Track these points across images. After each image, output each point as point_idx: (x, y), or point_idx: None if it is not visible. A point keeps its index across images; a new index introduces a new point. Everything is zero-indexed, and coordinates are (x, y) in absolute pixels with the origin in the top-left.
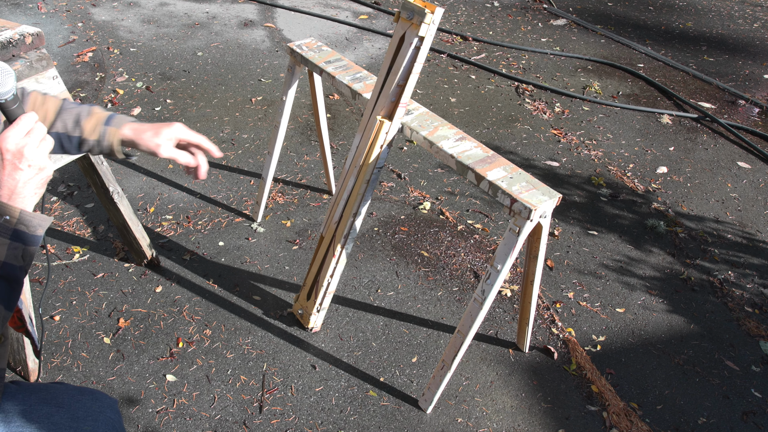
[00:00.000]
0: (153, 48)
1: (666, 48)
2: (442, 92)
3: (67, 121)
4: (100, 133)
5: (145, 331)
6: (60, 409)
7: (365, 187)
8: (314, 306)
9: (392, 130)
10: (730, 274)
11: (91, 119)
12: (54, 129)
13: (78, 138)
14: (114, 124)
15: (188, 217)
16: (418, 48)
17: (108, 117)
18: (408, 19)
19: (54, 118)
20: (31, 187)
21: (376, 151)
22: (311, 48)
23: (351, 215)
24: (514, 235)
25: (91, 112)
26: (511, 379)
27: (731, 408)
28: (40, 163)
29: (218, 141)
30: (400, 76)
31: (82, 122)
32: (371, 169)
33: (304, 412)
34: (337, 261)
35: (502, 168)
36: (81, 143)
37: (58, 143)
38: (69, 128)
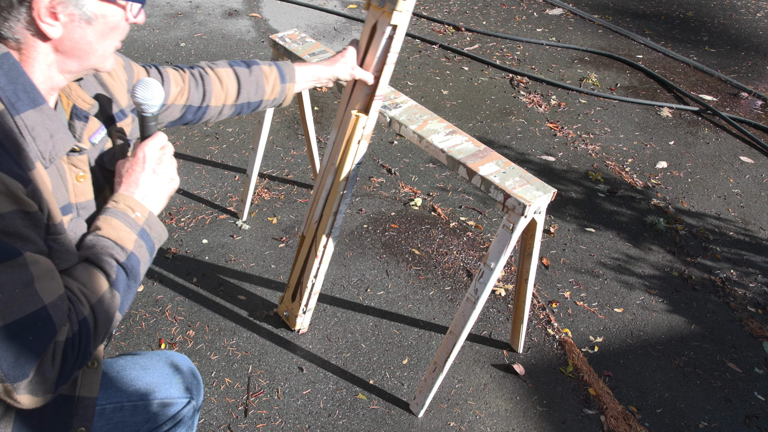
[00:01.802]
0: (134, 39)
1: (666, 38)
2: (433, 84)
3: (251, 91)
4: (279, 92)
5: (126, 332)
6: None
7: (344, 185)
8: (300, 308)
9: (369, 124)
10: (732, 272)
11: (269, 81)
12: (240, 101)
13: (259, 101)
14: (288, 79)
15: (171, 213)
16: (391, 37)
17: (281, 74)
18: (379, 7)
19: (236, 92)
20: (162, 195)
21: (353, 148)
22: (295, 40)
23: (332, 214)
24: (508, 231)
25: (264, 73)
26: (506, 381)
27: (733, 411)
28: (172, 174)
29: (202, 135)
30: (375, 67)
31: (264, 86)
32: (349, 166)
33: (291, 415)
34: (320, 261)
35: (494, 162)
36: (260, 105)
37: (237, 110)
38: (252, 96)
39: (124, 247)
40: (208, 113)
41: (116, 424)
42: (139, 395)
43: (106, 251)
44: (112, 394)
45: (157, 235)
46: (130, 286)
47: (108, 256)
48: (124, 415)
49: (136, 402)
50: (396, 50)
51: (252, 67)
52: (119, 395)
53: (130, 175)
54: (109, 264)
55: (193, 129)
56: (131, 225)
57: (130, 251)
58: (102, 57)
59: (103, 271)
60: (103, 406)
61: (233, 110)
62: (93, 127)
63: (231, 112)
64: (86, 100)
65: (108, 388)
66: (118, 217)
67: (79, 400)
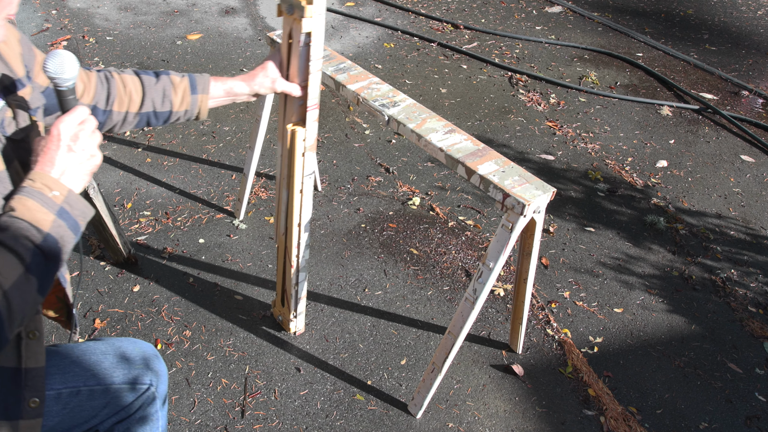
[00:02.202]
0: (130, 36)
1: (666, 36)
2: (432, 83)
3: (156, 100)
4: (189, 103)
5: (122, 332)
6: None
7: (301, 197)
8: (290, 313)
9: (309, 136)
10: (732, 272)
11: (177, 91)
12: (144, 109)
13: (168, 112)
14: (200, 90)
15: (167, 213)
16: (308, 44)
17: (191, 84)
18: (289, 14)
19: (141, 100)
20: (81, 172)
21: (299, 161)
22: None
23: (296, 225)
24: (507, 231)
25: (173, 84)
26: (505, 382)
27: (734, 412)
28: (92, 150)
29: (198, 134)
30: (299, 77)
31: (171, 97)
32: (299, 179)
33: (288, 416)
34: (297, 270)
35: (493, 161)
36: (169, 116)
37: (144, 121)
38: (157, 106)
39: (40, 228)
40: (111, 119)
41: (73, 408)
42: (96, 380)
43: (20, 233)
44: (70, 378)
45: (80, 213)
46: (49, 268)
47: (23, 239)
48: (81, 400)
49: (93, 386)
50: (317, 57)
51: (161, 76)
52: (76, 379)
53: (46, 153)
54: (24, 246)
55: (189, 128)
56: (48, 205)
57: (46, 232)
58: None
59: (17, 254)
60: (59, 391)
61: (138, 119)
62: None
63: (136, 121)
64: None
65: (65, 372)
66: (33, 197)
67: (27, 371)
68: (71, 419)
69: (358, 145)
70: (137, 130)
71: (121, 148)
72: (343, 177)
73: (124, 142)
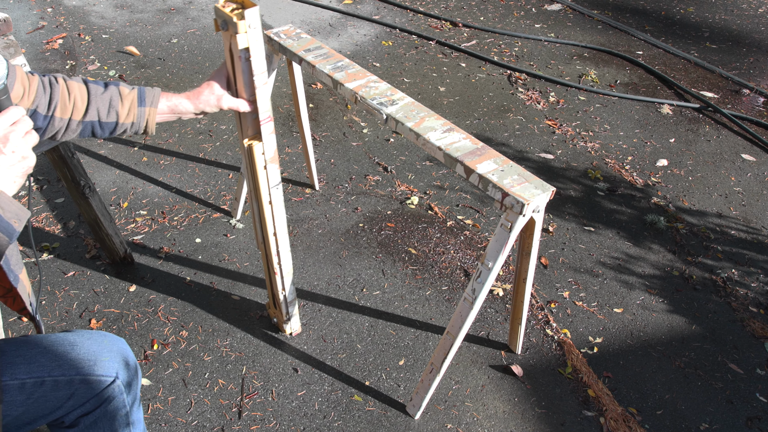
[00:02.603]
0: (126, 34)
1: (666, 34)
2: (430, 81)
3: (101, 109)
4: (136, 116)
5: (118, 332)
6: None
7: (271, 208)
8: (283, 315)
9: (268, 149)
10: (733, 272)
11: (124, 103)
12: (88, 118)
13: (113, 123)
14: (148, 103)
15: (163, 212)
16: (248, 59)
17: (140, 97)
18: (225, 30)
19: (85, 107)
20: (12, 174)
21: (261, 174)
22: (290, 36)
23: (271, 235)
24: (506, 230)
25: (121, 95)
26: (504, 382)
27: (735, 413)
28: (24, 152)
29: (195, 132)
30: (247, 92)
31: (117, 108)
32: (266, 191)
33: (286, 417)
34: (281, 276)
35: (492, 160)
36: (115, 128)
37: (89, 130)
38: (102, 115)
39: None
40: (53, 125)
41: (37, 399)
42: (61, 370)
43: None
44: (35, 368)
45: (14, 215)
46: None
47: None
48: (45, 390)
49: (58, 377)
50: (260, 71)
51: (109, 86)
52: (41, 370)
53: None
54: None
55: (185, 126)
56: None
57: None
58: None
59: None
60: (23, 381)
61: (81, 127)
62: None
63: (80, 130)
64: None
65: (31, 362)
66: None
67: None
68: (35, 410)
69: (356, 144)
70: None
71: (117, 146)
72: (341, 176)
73: (120, 141)
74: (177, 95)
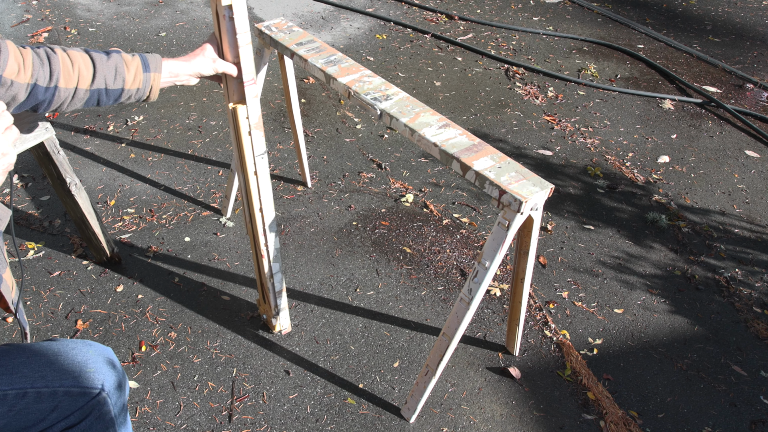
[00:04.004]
0: (113, 28)
1: (668, 28)
2: (425, 75)
3: (107, 76)
4: (142, 82)
5: (105, 333)
6: (58, 356)
7: (256, 179)
8: (271, 309)
9: (252, 114)
10: (737, 271)
11: (130, 69)
12: (95, 86)
13: (119, 90)
14: (152, 69)
15: (152, 210)
16: (232, 18)
17: (143, 63)
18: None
19: (92, 76)
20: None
21: (246, 140)
22: (281, 29)
23: (257, 211)
24: (503, 229)
25: (125, 61)
26: (501, 385)
27: (739, 416)
28: (3, 148)
29: (184, 128)
30: (232, 54)
31: (124, 74)
32: (251, 159)
33: (277, 421)
34: (269, 260)
35: (489, 157)
36: (120, 94)
37: (95, 98)
38: (109, 83)
39: None
40: (59, 95)
41: (20, 411)
42: (44, 382)
43: None
44: (17, 379)
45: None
46: None
47: None
48: (27, 402)
49: (41, 389)
50: (243, 30)
51: (111, 54)
52: (23, 381)
53: None
54: None
55: (174, 122)
56: None
57: None
58: None
59: None
60: (5, 392)
61: (89, 96)
62: None
63: (87, 98)
64: None
65: (13, 373)
66: None
67: None
68: (18, 422)
69: (349, 140)
70: (121, 124)
71: (104, 143)
72: (334, 173)
73: (106, 137)
74: (174, 60)
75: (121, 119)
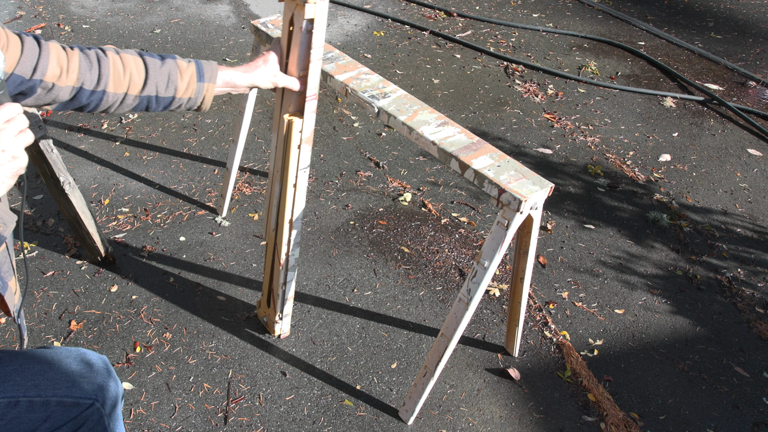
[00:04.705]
0: (107, 25)
1: (669, 24)
2: (424, 73)
3: (159, 83)
4: (194, 91)
5: (99, 334)
6: (52, 365)
7: (294, 192)
8: (275, 314)
9: (306, 127)
10: (739, 271)
11: (183, 77)
12: (146, 92)
13: (170, 98)
14: (207, 78)
15: (146, 209)
16: (310, 31)
17: (198, 71)
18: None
19: (143, 82)
20: (1, 174)
21: (294, 153)
22: (277, 26)
23: (287, 222)
24: (503, 228)
25: (179, 68)
26: (500, 386)
27: (741, 418)
28: (14, 151)
29: (179, 126)
30: (299, 65)
31: (176, 82)
32: (293, 172)
33: (274, 423)
34: (286, 269)
35: (488, 155)
36: (171, 102)
37: (144, 104)
38: (161, 90)
39: None
40: (106, 99)
41: (11, 420)
42: (36, 391)
43: None
44: (9, 387)
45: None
46: None
47: None
48: (19, 412)
49: (33, 398)
50: (318, 45)
51: (166, 59)
52: (16, 389)
53: None
54: None
55: (169, 120)
56: None
57: None
58: None
59: None
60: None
61: (138, 102)
62: None
63: (136, 104)
64: None
65: (5, 381)
66: None
67: None
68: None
69: (346, 139)
70: (115, 122)
71: (98, 141)
72: (331, 172)
73: (101, 135)
74: (232, 69)
75: (116, 117)
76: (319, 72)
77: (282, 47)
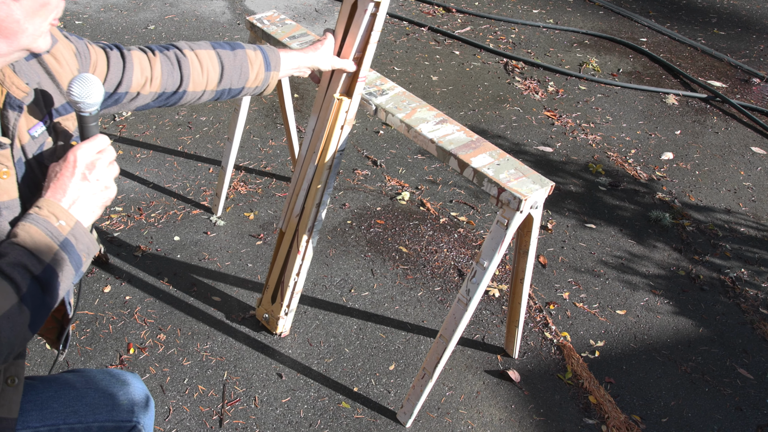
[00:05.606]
0: (101, 21)
1: (672, 20)
2: (422, 70)
3: (233, 78)
4: (263, 80)
5: (92, 335)
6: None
7: (327, 174)
8: (281, 309)
9: (352, 108)
10: (743, 271)
11: (253, 68)
12: (221, 87)
13: (240, 89)
14: (273, 67)
15: (140, 208)
16: (374, 14)
17: (266, 61)
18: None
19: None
20: (93, 203)
21: (337, 133)
22: (273, 22)
23: (314, 205)
24: (502, 228)
25: (249, 60)
26: (500, 388)
27: (744, 421)
28: (107, 181)
29: (173, 125)
30: (357, 47)
31: (248, 74)
32: (332, 153)
33: (270, 425)
34: (303, 257)
35: (488, 154)
36: (240, 92)
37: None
38: (234, 83)
39: (41, 258)
40: (185, 98)
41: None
42: (77, 417)
43: (19, 261)
44: (48, 415)
45: (85, 248)
46: (44, 302)
47: (21, 267)
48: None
49: (74, 424)
50: (379, 29)
51: (236, 50)
52: (55, 417)
53: (59, 180)
54: (21, 275)
55: (163, 118)
56: (53, 234)
57: (47, 263)
58: (33, 36)
59: (13, 282)
60: (36, 429)
61: (213, 95)
62: (32, 119)
63: (210, 97)
64: (21, 87)
65: (43, 408)
66: (38, 225)
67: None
68: None
69: None
70: (108, 120)
71: None
72: None
73: None
74: (293, 52)
75: (108, 115)
76: (372, 54)
77: (338, 31)
